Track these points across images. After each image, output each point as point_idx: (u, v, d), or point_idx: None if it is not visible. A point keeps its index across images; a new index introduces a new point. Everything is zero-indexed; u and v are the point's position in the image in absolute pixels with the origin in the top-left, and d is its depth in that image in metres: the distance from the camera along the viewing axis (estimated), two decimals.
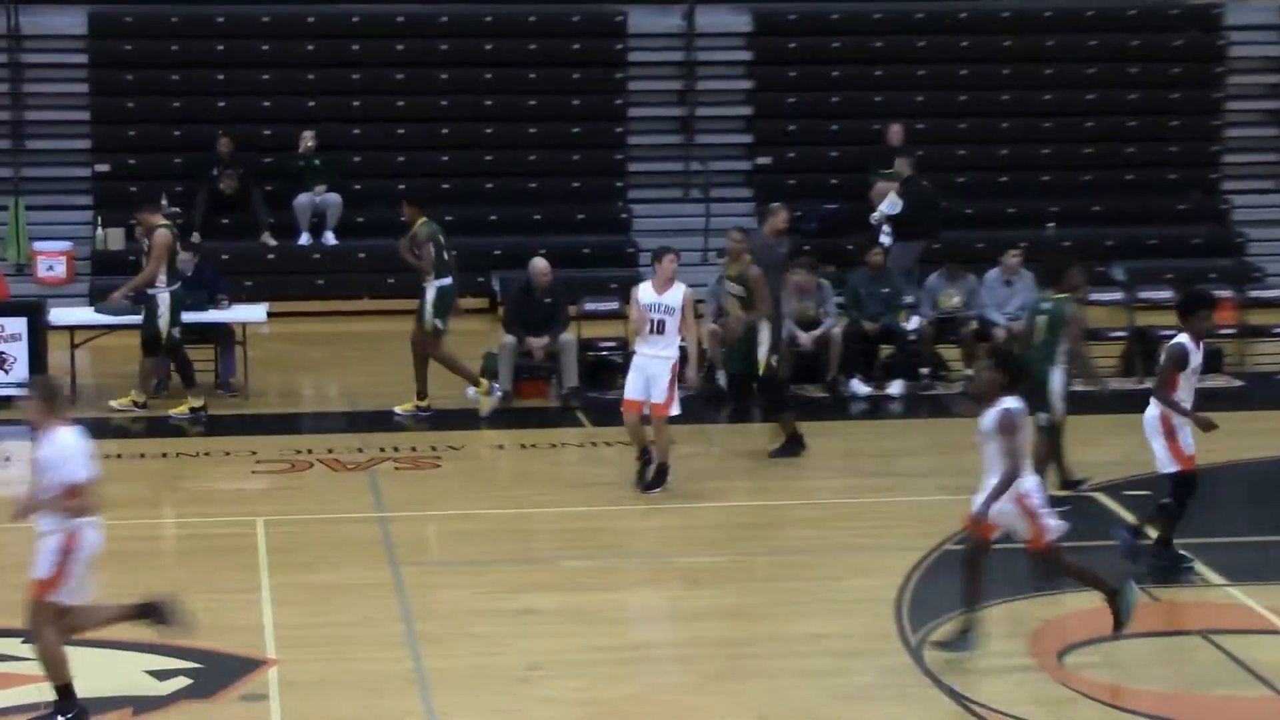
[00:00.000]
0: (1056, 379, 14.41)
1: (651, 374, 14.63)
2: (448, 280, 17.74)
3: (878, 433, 17.92)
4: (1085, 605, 12.30)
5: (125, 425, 17.62)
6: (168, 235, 17.70)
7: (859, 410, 18.66)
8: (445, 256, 17.74)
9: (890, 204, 21.96)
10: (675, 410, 14.74)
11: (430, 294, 17.72)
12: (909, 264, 21.24)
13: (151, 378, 18.08)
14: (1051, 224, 24.65)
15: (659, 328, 14.65)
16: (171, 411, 17.69)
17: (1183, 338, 12.71)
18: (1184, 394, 12.71)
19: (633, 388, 14.73)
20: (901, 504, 14.83)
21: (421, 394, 17.84)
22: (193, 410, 17.66)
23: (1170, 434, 12.75)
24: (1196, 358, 12.72)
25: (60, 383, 10.38)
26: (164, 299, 17.60)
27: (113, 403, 17.86)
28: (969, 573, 11.11)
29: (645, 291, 14.82)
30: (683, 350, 15.10)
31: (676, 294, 14.71)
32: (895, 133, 24.14)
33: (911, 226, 21.86)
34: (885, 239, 21.83)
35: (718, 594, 12.60)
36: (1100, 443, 15.73)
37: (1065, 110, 25.65)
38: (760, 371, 16.03)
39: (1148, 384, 18.92)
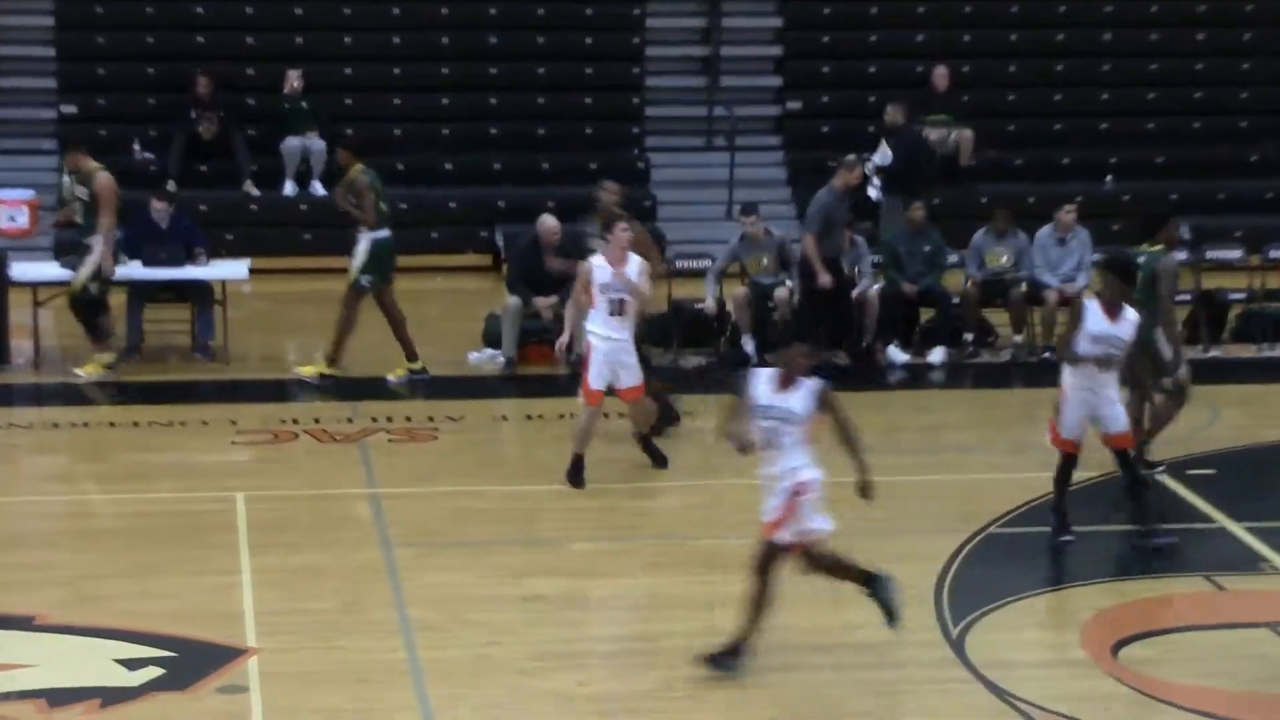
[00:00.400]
0: (1163, 339, 14.44)
1: (619, 360, 14.40)
2: (385, 233, 17.74)
3: (917, 405, 17.92)
4: (1146, 593, 12.33)
5: (92, 392, 17.66)
6: (112, 178, 17.77)
7: (897, 380, 18.65)
8: (384, 207, 17.74)
9: (881, 155, 21.90)
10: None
11: (364, 246, 17.71)
12: (902, 221, 21.14)
13: (112, 338, 18.11)
14: (1110, 176, 24.62)
15: (619, 309, 14.36)
16: (78, 371, 17.79)
17: (1090, 299, 12.99)
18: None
19: (599, 376, 14.37)
20: (943, 483, 14.84)
21: (411, 356, 17.87)
22: (106, 367, 17.73)
23: (1057, 409, 13.07)
24: (1100, 322, 12.80)
25: None
26: (99, 248, 17.63)
27: (77, 370, 17.90)
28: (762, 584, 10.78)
29: (601, 269, 14.38)
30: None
31: (633, 268, 14.39)
32: (940, 76, 24.10)
33: (903, 180, 21.74)
34: (874, 193, 21.82)
35: (741, 580, 12.59)
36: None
37: (1126, 52, 25.57)
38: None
39: (1215, 352, 19.12)
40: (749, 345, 18.84)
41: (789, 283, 18.93)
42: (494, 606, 11.96)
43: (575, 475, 14.47)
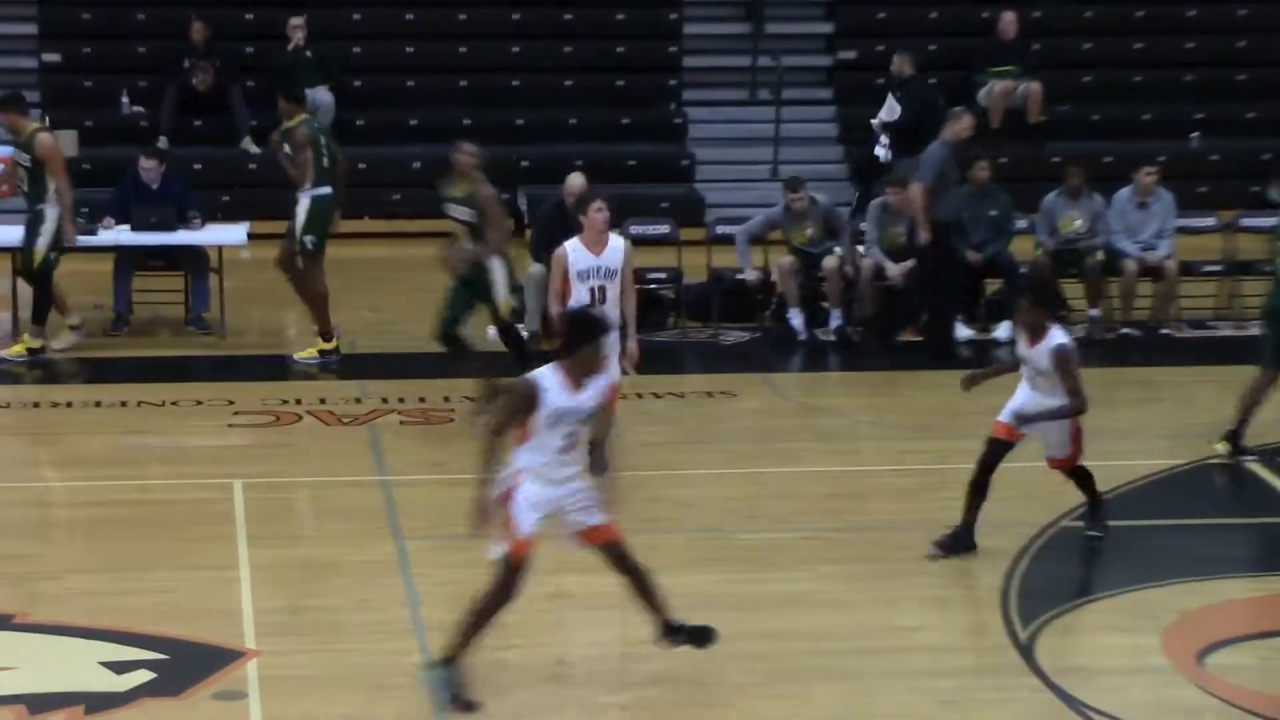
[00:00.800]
0: None
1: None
2: (326, 190, 17.73)
3: (982, 385, 17.83)
4: (1237, 594, 12.27)
5: (76, 368, 17.70)
6: (53, 137, 17.86)
7: (960, 357, 18.60)
8: (326, 162, 17.71)
9: (888, 110, 21.82)
10: None
11: (304, 205, 17.70)
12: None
13: (68, 305, 18.13)
14: (1196, 133, 24.53)
15: (600, 296, 13.99)
16: (3, 353, 17.82)
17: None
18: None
19: None
20: (1010, 471, 14.74)
21: (326, 334, 17.82)
22: (30, 351, 17.75)
23: None
24: (1021, 345, 12.61)
25: None
26: (53, 214, 17.64)
27: (54, 344, 17.93)
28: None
29: (578, 254, 13.98)
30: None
31: (616, 251, 14.03)
32: (1008, 22, 24.05)
33: (912, 136, 21.67)
34: (881, 151, 21.74)
35: (788, 578, 12.60)
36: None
37: None
38: (496, 317, 15.62)
39: None
40: (796, 319, 18.83)
41: (838, 250, 18.94)
42: (516, 606, 11.93)
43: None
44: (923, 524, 13.54)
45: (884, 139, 22.10)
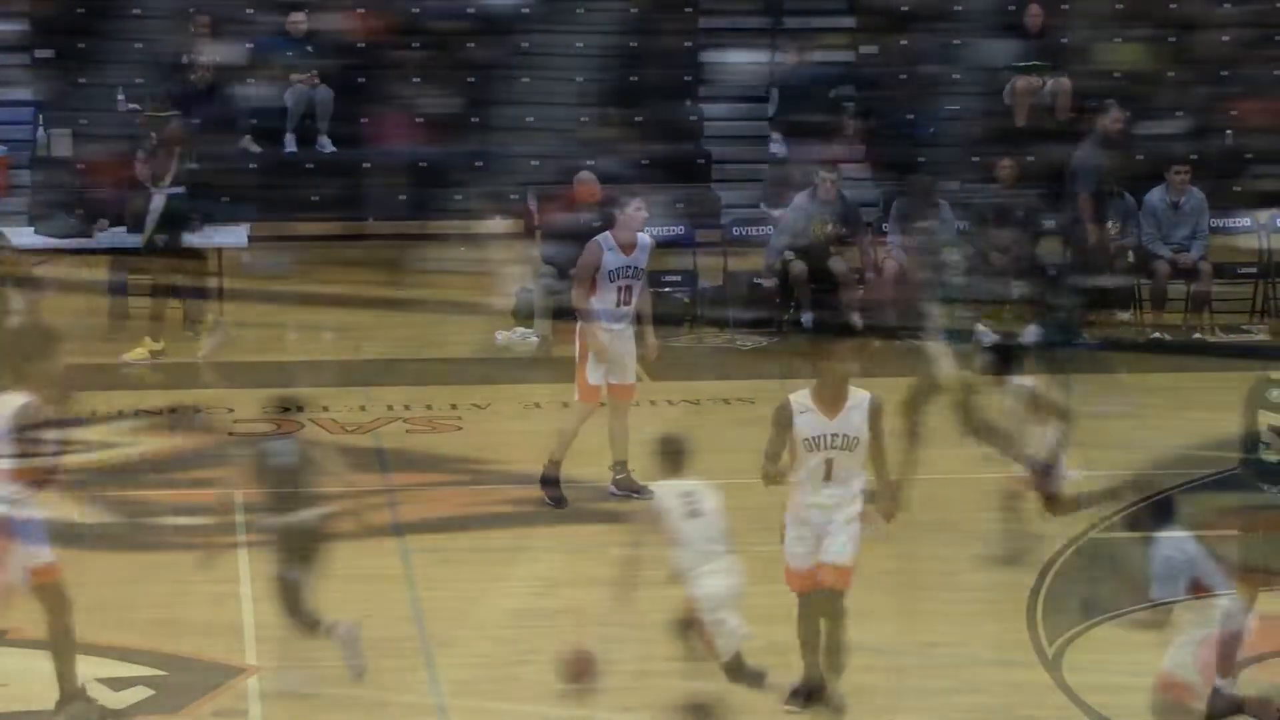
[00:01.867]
0: None
1: (622, 351, 14.31)
2: (182, 189, 17.76)
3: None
4: (1270, 610, 12.31)
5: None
6: None
7: (984, 363, 18.61)
8: (188, 162, 17.79)
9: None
10: None
11: (158, 202, 17.72)
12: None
13: None
14: (1230, 130, 24.50)
15: (626, 296, 14.26)
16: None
17: (799, 394, 10.94)
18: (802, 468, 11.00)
19: (597, 372, 14.28)
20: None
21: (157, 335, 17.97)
22: None
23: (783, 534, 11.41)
24: (814, 423, 10.76)
25: None
26: None
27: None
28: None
29: (612, 255, 14.21)
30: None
31: (644, 250, 14.29)
32: (1034, 14, 24.02)
33: (802, 127, 21.68)
34: (775, 146, 21.78)
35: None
36: None
37: None
38: None
39: None
40: (809, 321, 18.91)
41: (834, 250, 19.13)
42: (524, 620, 12.00)
43: (552, 486, 14.40)
44: (949, 535, 13.60)
45: (775, 135, 22.17)
